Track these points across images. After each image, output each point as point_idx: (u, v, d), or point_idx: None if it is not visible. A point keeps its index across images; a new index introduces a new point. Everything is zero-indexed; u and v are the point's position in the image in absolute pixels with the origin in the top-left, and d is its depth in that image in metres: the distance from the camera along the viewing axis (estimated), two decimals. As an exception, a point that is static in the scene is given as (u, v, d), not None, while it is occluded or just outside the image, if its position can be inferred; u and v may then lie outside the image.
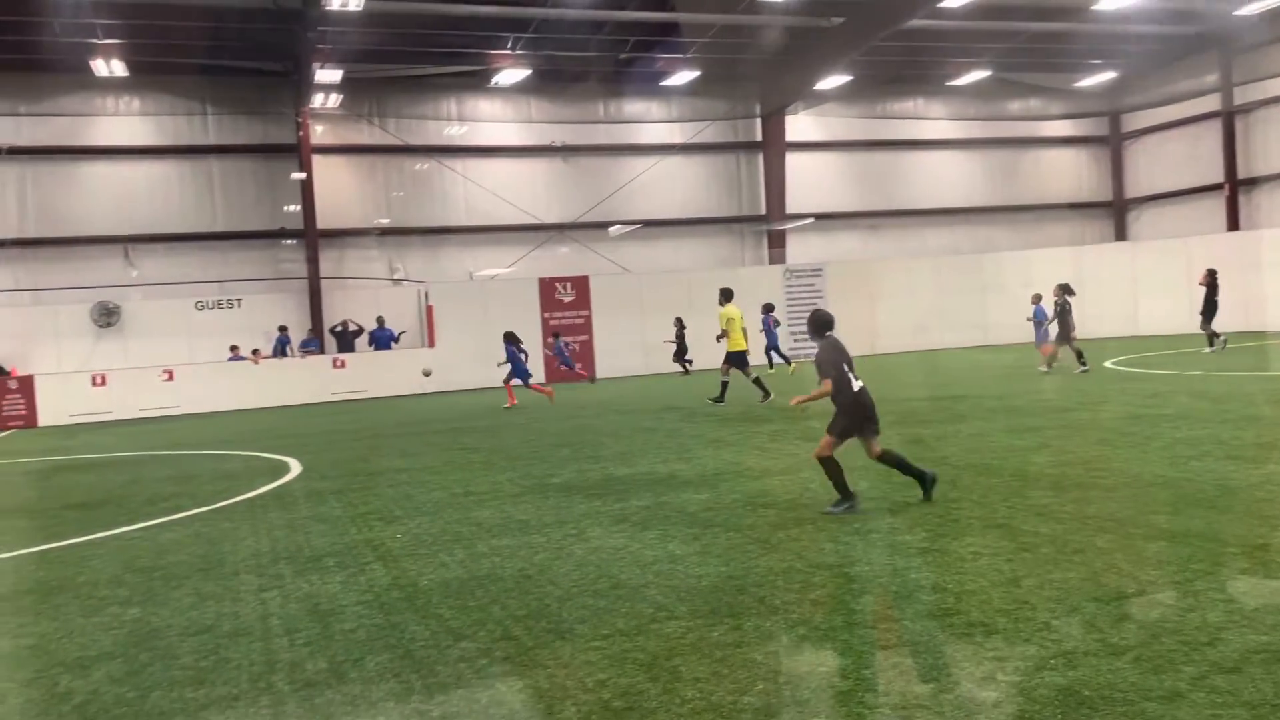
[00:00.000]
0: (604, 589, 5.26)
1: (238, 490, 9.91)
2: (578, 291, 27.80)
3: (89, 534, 7.97)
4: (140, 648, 4.78)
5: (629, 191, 30.50)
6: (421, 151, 28.79)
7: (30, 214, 25.72)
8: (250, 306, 26.74)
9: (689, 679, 3.86)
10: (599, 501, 7.87)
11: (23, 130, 25.53)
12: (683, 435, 12.12)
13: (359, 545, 6.82)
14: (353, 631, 4.81)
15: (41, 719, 3.92)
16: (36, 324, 25.06)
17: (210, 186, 27.19)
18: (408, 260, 28.84)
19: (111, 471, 12.66)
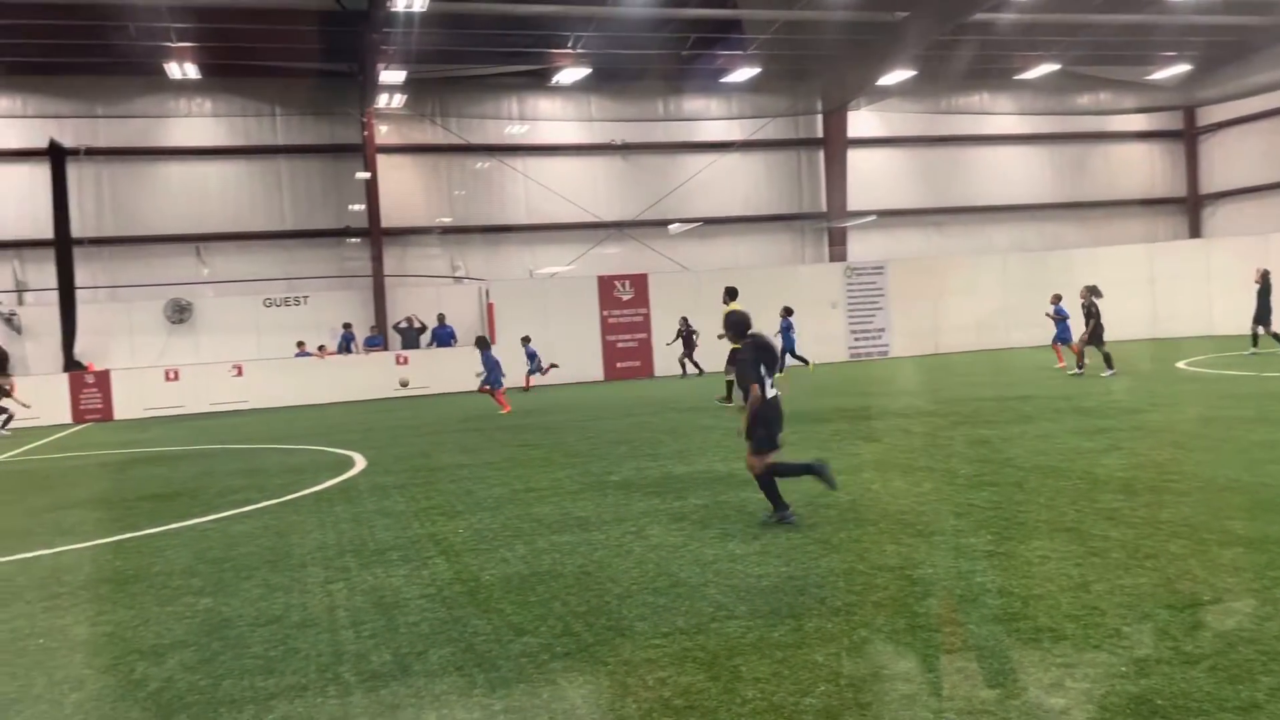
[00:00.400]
0: (663, 587, 5.26)
1: (304, 484, 10.11)
2: (636, 289, 27.84)
3: (163, 525, 8.19)
4: (212, 636, 4.90)
5: (688, 189, 30.47)
6: (483, 150, 29.07)
7: (107, 213, 26.55)
8: (316, 303, 27.27)
9: (750, 679, 3.85)
10: (658, 499, 7.87)
11: (100, 132, 26.35)
12: (742, 434, 12.06)
13: (422, 539, 6.91)
14: (416, 625, 4.87)
15: (118, 705, 4.04)
16: (113, 320, 25.85)
17: (278, 186, 27.79)
18: (469, 258, 29.17)
19: (184, 464, 13.01)
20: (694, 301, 27.30)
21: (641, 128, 30.33)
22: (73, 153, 25.46)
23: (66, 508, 9.66)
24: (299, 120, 27.81)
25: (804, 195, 32.02)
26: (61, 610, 5.59)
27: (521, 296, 27.24)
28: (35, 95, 26.03)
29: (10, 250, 25.76)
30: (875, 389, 17.81)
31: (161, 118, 26.97)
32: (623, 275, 28.16)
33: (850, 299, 29.30)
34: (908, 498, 7.30)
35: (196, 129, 27.26)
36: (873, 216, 31.18)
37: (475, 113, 29.12)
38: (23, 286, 25.94)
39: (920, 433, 11.13)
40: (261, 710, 3.85)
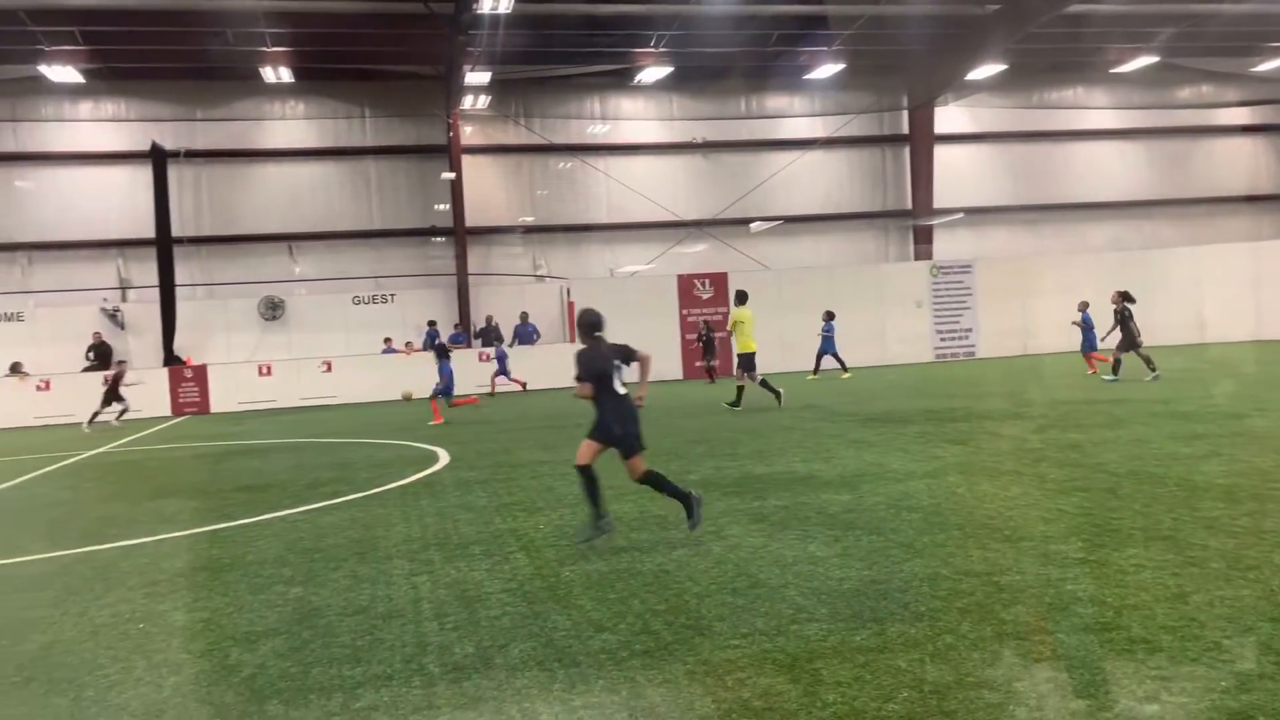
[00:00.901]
0: (743, 588, 5.24)
1: (390, 478, 10.33)
2: (716, 288, 27.75)
3: (256, 516, 8.46)
4: (302, 625, 5.04)
5: (769, 187, 30.27)
6: (565, 150, 29.32)
7: (205, 213, 27.53)
8: (403, 301, 27.85)
9: (830, 682, 3.81)
10: (737, 499, 7.84)
11: (198, 135, 27.33)
12: (822, 435, 11.94)
13: (504, 534, 7.00)
14: (498, 618, 4.94)
15: (213, 689, 4.18)
16: (210, 317, 26.79)
17: (367, 186, 28.46)
18: (550, 257, 29.45)
19: (276, 457, 13.41)
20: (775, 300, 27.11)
21: (723, 126, 30.25)
22: (173, 155, 26.45)
23: (166, 497, 10.04)
24: (387, 122, 28.43)
25: (888, 193, 31.55)
26: (161, 596, 5.81)
27: (602, 295, 27.30)
28: (138, 100, 27.13)
29: (115, 249, 26.90)
30: (961, 390, 17.45)
31: (257, 120, 27.85)
32: (702, 274, 28.10)
33: (936, 298, 28.74)
34: (994, 502, 7.13)
35: (290, 131, 28.07)
36: (960, 214, 30.55)
37: (558, 113, 29.38)
38: (126, 284, 27.06)
39: (1008, 436, 10.87)
40: (349, 698, 3.95)
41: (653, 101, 29.99)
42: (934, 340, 28.87)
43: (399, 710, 3.79)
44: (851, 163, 31.36)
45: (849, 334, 27.95)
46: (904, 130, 31.18)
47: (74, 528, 8.47)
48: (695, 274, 28.08)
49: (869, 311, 28.27)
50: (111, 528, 8.34)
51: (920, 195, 30.52)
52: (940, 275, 29.03)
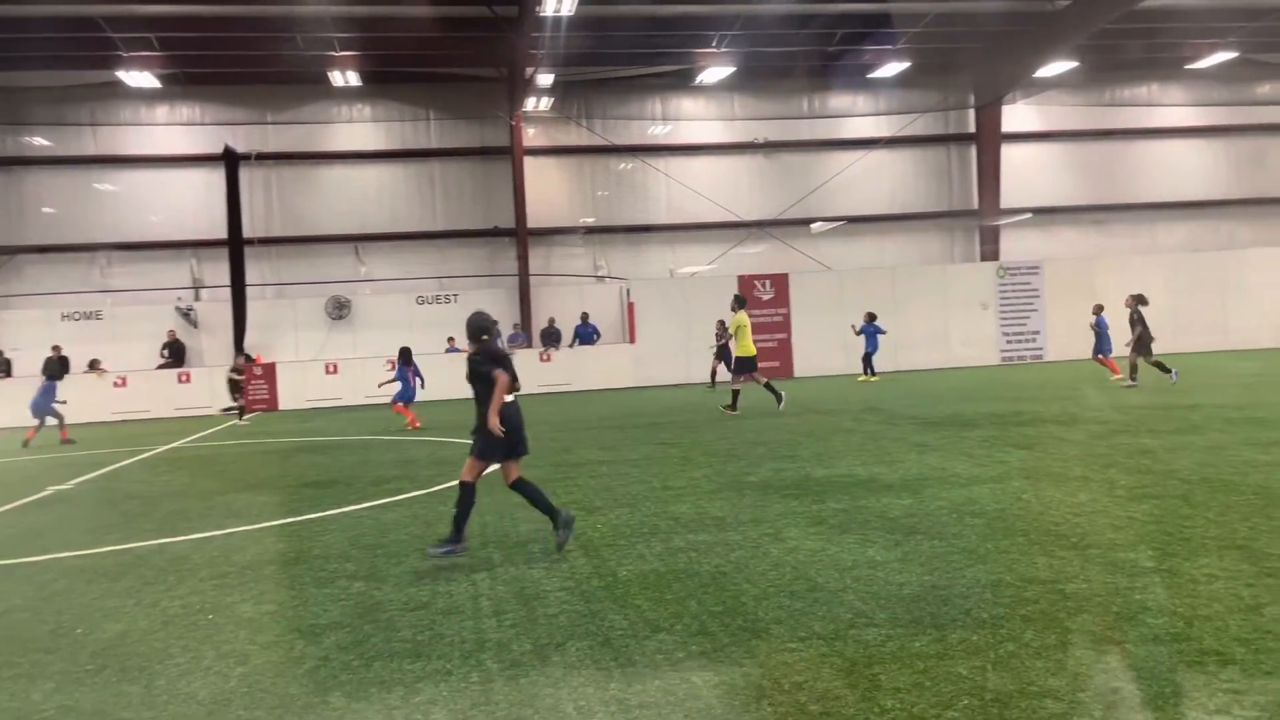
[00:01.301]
0: (800, 591, 5.20)
1: (452, 475, 10.45)
2: (777, 289, 27.59)
3: (321, 511, 8.63)
4: (364, 619, 5.13)
5: (832, 187, 30.01)
6: (626, 151, 29.40)
7: (275, 215, 28.15)
8: (465, 301, 28.15)
9: (889, 688, 3.76)
10: (796, 502, 7.79)
11: (269, 138, 27.96)
12: (884, 438, 11.80)
13: (562, 533, 7.04)
14: (555, 616, 4.97)
15: (278, 680, 4.28)
16: (279, 316, 27.39)
17: (431, 188, 28.85)
18: (611, 258, 29.54)
19: (342, 454, 13.67)
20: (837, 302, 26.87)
21: (785, 125, 30.06)
22: (245, 158, 27.10)
23: (236, 492, 10.30)
24: (451, 124, 28.78)
25: (954, 192, 31.05)
26: (229, 588, 5.96)
27: (662, 295, 27.41)
28: (212, 104, 27.84)
29: (189, 249, 27.64)
30: (1028, 394, 17.11)
31: (325, 123, 28.39)
32: (763, 275, 27.96)
33: (1002, 300, 28.22)
34: (1061, 508, 6.98)
35: (357, 134, 28.58)
36: (1027, 214, 29.96)
37: (619, 114, 29.47)
38: (199, 283, 27.79)
39: (1076, 440, 10.63)
40: (409, 692, 4.01)
41: (714, 101, 29.92)
42: (1000, 342, 28.36)
43: (457, 705, 3.84)
44: (916, 162, 30.93)
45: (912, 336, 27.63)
46: (970, 129, 30.67)
47: (148, 520, 8.73)
48: (756, 275, 27.94)
49: (933, 313, 27.88)
50: (184, 521, 8.58)
51: (987, 195, 30.00)
52: (1007, 276, 28.49)
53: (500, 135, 28.47)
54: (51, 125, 27.07)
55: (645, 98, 29.57)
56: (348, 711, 3.84)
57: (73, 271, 27.28)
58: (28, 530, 8.62)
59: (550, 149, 29.21)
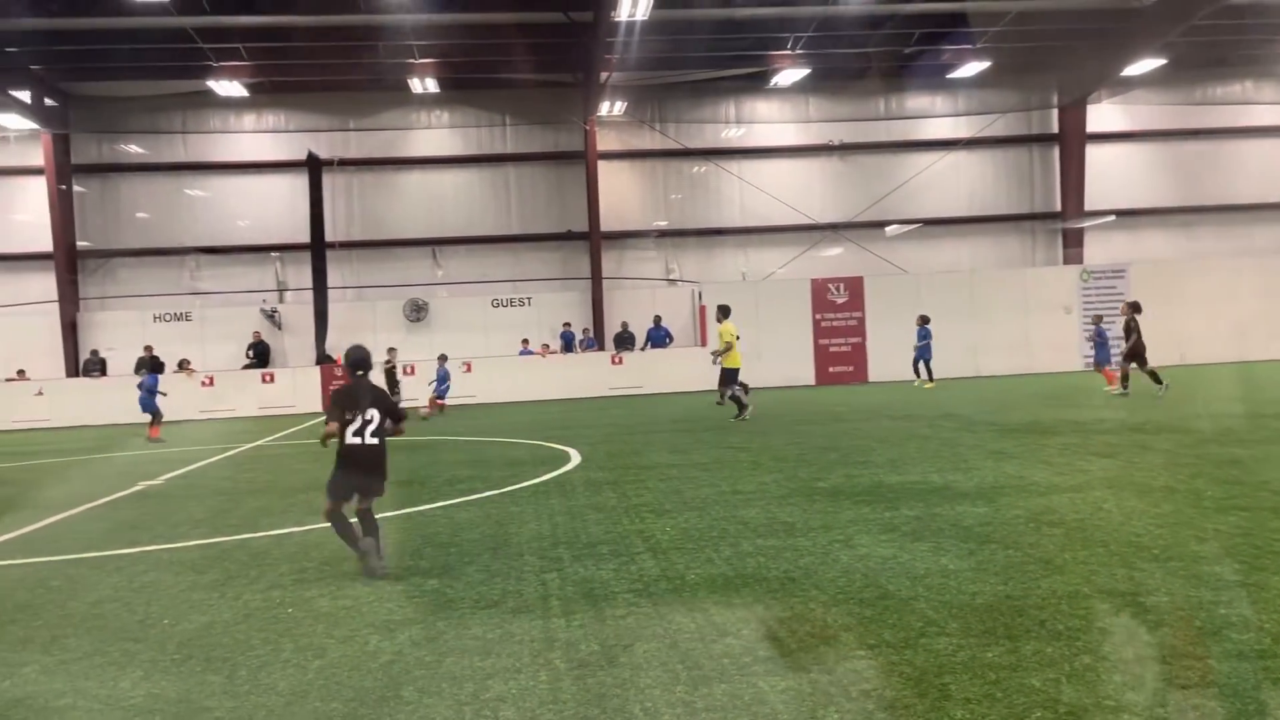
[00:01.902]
0: (871, 598, 5.15)
1: (523, 476, 10.59)
2: (851, 293, 27.30)
3: (398, 509, 8.81)
4: (437, 616, 5.23)
5: (908, 189, 29.60)
6: (699, 154, 29.39)
7: (355, 219, 28.81)
8: (539, 304, 28.49)
9: (959, 698, 3.71)
10: (867, 508, 7.70)
11: (350, 144, 28.65)
12: (960, 444, 11.60)
13: (631, 535, 7.09)
14: (623, 618, 5.01)
15: (354, 673, 4.39)
16: (359, 318, 28.02)
17: (506, 192, 29.23)
18: (683, 261, 29.56)
19: (417, 454, 13.92)
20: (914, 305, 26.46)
21: (860, 127, 29.74)
22: (327, 164, 27.80)
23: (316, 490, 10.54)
24: (527, 129, 29.13)
25: (1035, 194, 30.36)
26: (308, 583, 6.13)
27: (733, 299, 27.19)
28: (296, 112, 28.62)
29: (273, 253, 28.45)
30: (1111, 401, 16.64)
31: (404, 130, 28.98)
32: (837, 278, 27.70)
33: (1086, 304, 27.49)
34: (1143, 519, 6.78)
35: (434, 139, 29.11)
36: (1112, 216, 29.16)
37: (693, 117, 29.48)
38: (283, 286, 28.59)
39: (1161, 449, 10.31)
40: (479, 689, 4.08)
41: (788, 104, 29.74)
42: (1084, 348, 27.58)
43: (525, 703, 3.90)
44: (996, 163, 30.33)
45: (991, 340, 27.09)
46: (1053, 129, 29.97)
47: (232, 516, 9.02)
48: (830, 278, 27.71)
49: (1013, 317, 27.31)
50: (265, 517, 8.84)
51: (1070, 197, 29.28)
52: (1091, 280, 27.76)
53: (574, 140, 28.71)
54: (146, 133, 28.12)
55: (719, 101, 29.53)
56: (420, 706, 3.93)
57: (164, 274, 28.29)
58: (120, 523, 8.97)
59: (624, 153, 29.36)
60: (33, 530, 8.72)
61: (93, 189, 28.10)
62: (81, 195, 27.94)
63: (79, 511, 9.71)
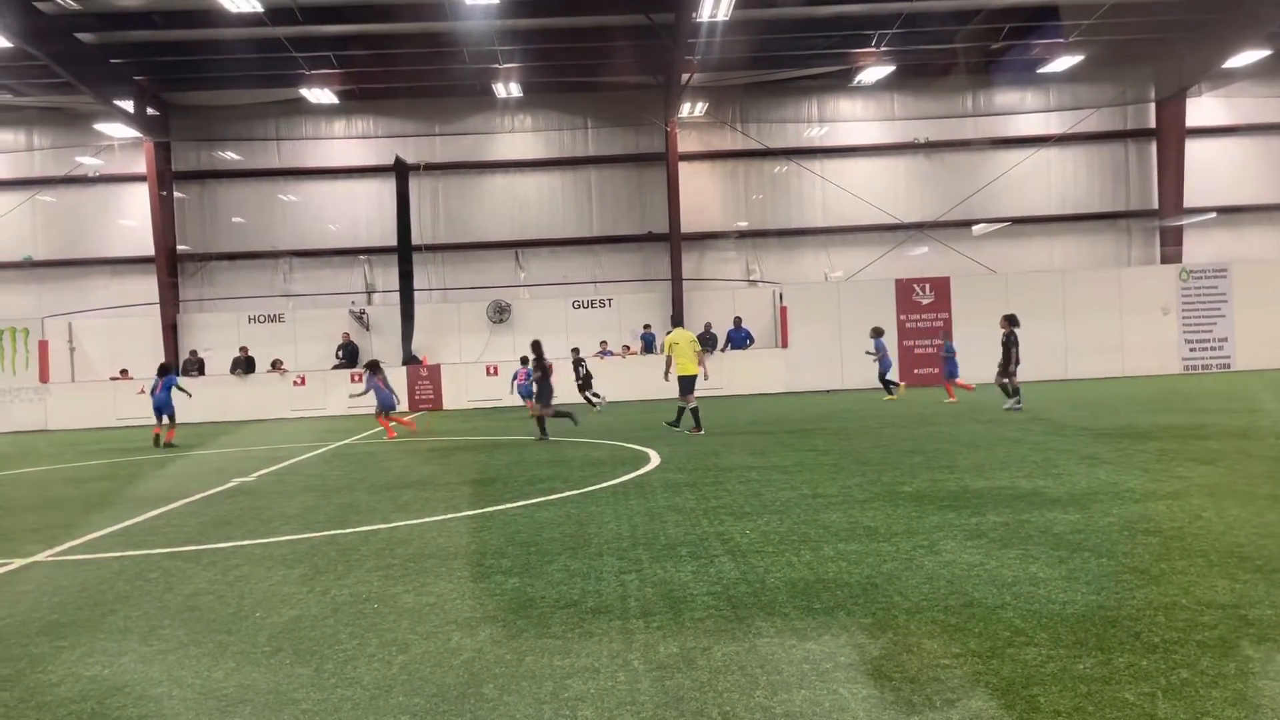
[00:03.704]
0: (956, 606, 5.03)
1: (603, 477, 10.64)
2: (937, 293, 26.80)
3: (480, 508, 8.94)
4: (518, 614, 5.28)
5: (997, 187, 28.93)
6: (781, 154, 29.18)
7: (441, 222, 29.35)
8: (620, 305, 28.61)
9: (1048, 710, 3.60)
10: (953, 514, 7.54)
11: (436, 149, 29.19)
12: (1050, 449, 11.27)
13: (710, 538, 7.05)
14: (701, 620, 4.98)
15: (436, 669, 4.45)
16: (444, 320, 28.54)
17: (588, 194, 29.44)
18: (764, 262, 29.38)
19: (499, 453, 14.10)
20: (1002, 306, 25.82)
21: (947, 124, 29.18)
22: (414, 168, 28.38)
23: (401, 487, 10.79)
24: (608, 132, 29.31)
25: (1131, 191, 29.39)
26: (394, 579, 6.25)
27: (815, 300, 27.06)
28: (384, 118, 29.29)
29: (363, 256, 29.15)
30: (1212, 405, 16.00)
31: (488, 134, 29.43)
32: (922, 279, 27.21)
33: (1185, 305, 26.53)
34: (1246, 528, 6.49)
35: (518, 143, 29.49)
36: (1212, 214, 28.05)
37: (774, 117, 29.29)
38: (371, 288, 29.28)
39: (1266, 456, 9.87)
40: (558, 688, 4.11)
41: (872, 102, 29.33)
42: (1182, 350, 26.66)
43: (604, 703, 3.90)
44: (1090, 159, 29.44)
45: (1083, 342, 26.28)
46: (1150, 124, 28.98)
47: (321, 513, 9.25)
48: (915, 279, 27.23)
49: (1106, 318, 26.49)
50: (353, 514, 9.05)
51: (1168, 193, 28.27)
52: (1190, 280, 26.75)
53: (655, 141, 28.77)
54: (241, 140, 29.08)
55: (801, 100, 29.29)
56: (500, 704, 3.97)
57: (258, 277, 29.22)
58: (214, 519, 9.28)
59: (705, 154, 29.32)
60: (132, 524, 9.08)
61: (192, 195, 29.17)
62: (181, 201, 29.03)
63: (176, 506, 10.08)
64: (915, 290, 26.90)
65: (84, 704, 4.18)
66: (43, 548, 7.93)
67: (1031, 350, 24.02)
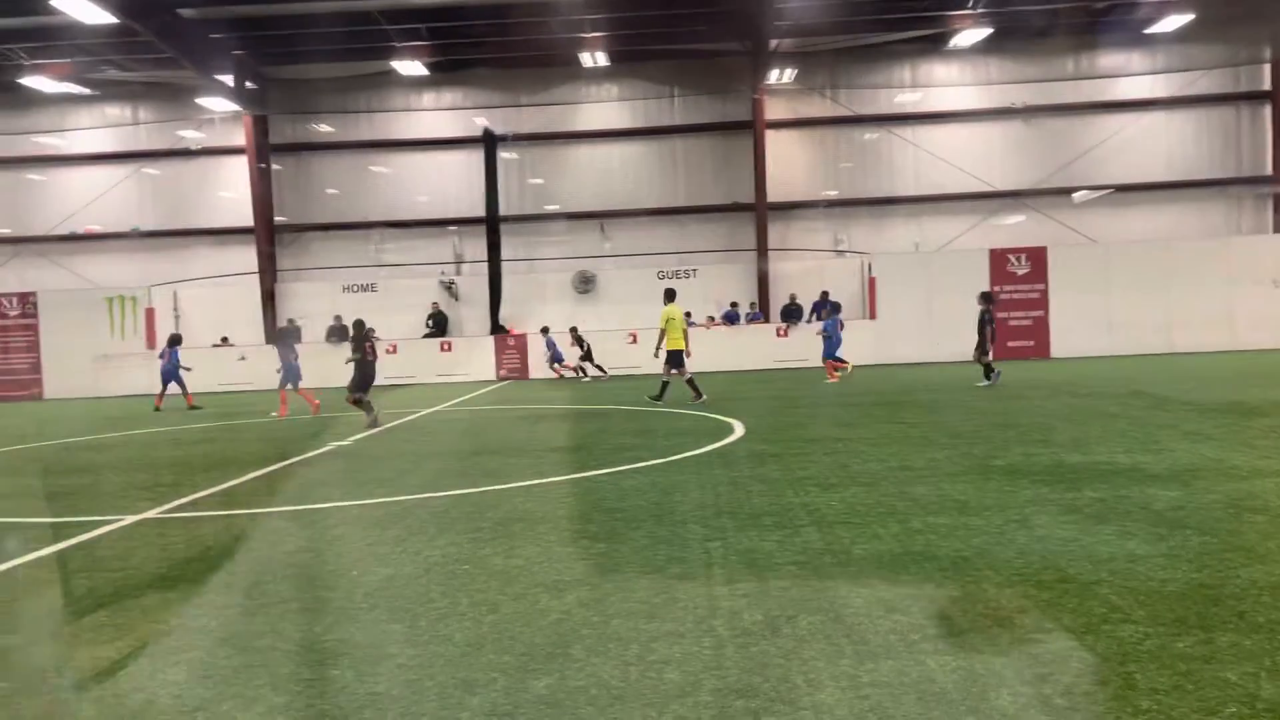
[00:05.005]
0: (1049, 581, 4.93)
1: (688, 446, 10.67)
2: (1033, 263, 26.04)
3: (566, 475, 9.06)
4: (604, 579, 5.35)
5: (1098, 153, 27.88)
6: (871, 121, 28.59)
7: (527, 193, 29.58)
8: (704, 276, 28.51)
9: (1145, 689, 3.51)
10: (1046, 488, 7.36)
11: (524, 120, 29.36)
12: (1151, 424, 10.90)
13: (795, 508, 7.03)
14: (787, 589, 4.98)
15: (524, 629, 4.55)
16: (530, 290, 28.86)
17: (674, 164, 29.31)
18: (852, 232, 28.90)
19: (586, 421, 14.25)
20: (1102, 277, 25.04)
21: (1047, 88, 28.17)
22: (502, 139, 28.63)
23: (490, 453, 10.99)
24: (694, 100, 29.09)
25: (1243, 156, 28.02)
26: (483, 542, 6.39)
27: (905, 270, 26.54)
28: (473, 89, 29.56)
29: (451, 227, 29.59)
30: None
31: (574, 104, 29.48)
32: (1018, 248, 26.44)
33: (1300, 276, 25.28)
34: (1363, 510, 6.20)
35: (603, 113, 29.47)
36: (1332, 179, 26.59)
37: (865, 83, 28.68)
38: (460, 259, 29.73)
39: (1385, 435, 9.38)
40: (644, 650, 4.16)
41: (968, 66, 28.47)
42: (1298, 329, 25.43)
43: (689, 667, 3.94)
44: (1199, 124, 28.12)
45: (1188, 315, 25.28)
46: (1265, 86, 27.52)
47: (414, 476, 9.50)
48: (1009, 248, 26.49)
49: (1214, 290, 25.41)
50: (444, 478, 9.26)
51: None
52: (1306, 249, 25.46)
53: (742, 110, 28.45)
54: (334, 113, 29.71)
55: (893, 65, 28.60)
56: (587, 664, 4.04)
57: (352, 247, 29.92)
58: (313, 481, 9.60)
59: (792, 122, 28.89)
60: (235, 484, 9.45)
61: (288, 167, 29.95)
62: (278, 173, 29.83)
63: (276, 468, 10.46)
64: (1010, 260, 26.17)
65: (192, 654, 4.39)
66: (151, 505, 8.31)
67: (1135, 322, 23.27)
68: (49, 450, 13.74)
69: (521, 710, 3.57)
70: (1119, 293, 25.33)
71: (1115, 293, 25.32)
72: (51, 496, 9.34)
